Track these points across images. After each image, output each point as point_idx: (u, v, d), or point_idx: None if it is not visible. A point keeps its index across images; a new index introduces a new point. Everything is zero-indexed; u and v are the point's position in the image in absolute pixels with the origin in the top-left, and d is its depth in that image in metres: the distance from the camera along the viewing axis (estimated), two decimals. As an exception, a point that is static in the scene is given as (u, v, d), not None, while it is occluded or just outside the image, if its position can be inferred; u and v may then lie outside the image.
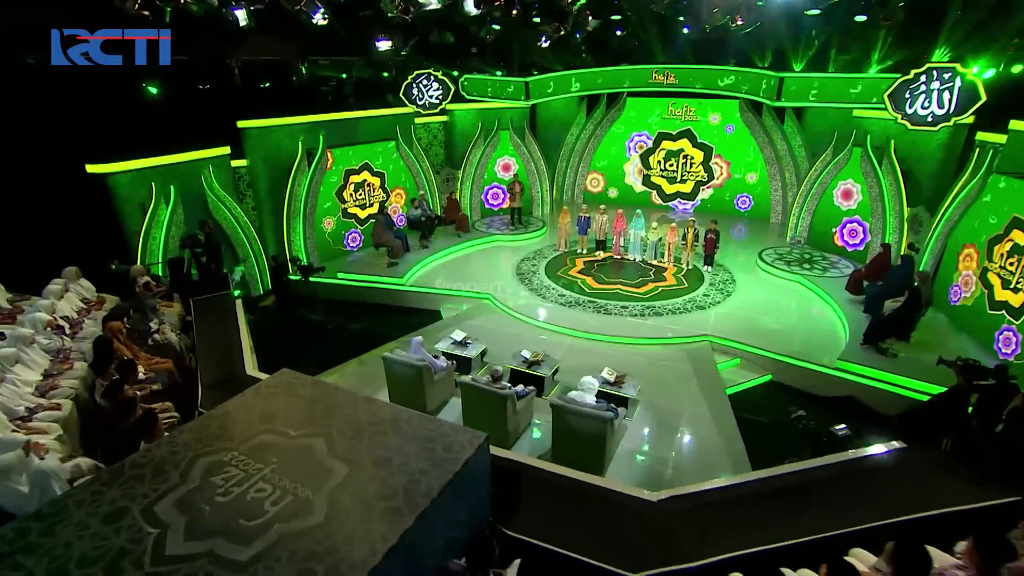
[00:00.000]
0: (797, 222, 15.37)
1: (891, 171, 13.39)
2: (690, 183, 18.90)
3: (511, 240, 16.32)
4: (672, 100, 18.25)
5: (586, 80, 16.11)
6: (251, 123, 13.22)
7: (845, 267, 13.74)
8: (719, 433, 8.20)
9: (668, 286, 12.83)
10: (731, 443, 7.93)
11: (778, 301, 12.41)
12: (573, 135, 19.65)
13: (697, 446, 7.99)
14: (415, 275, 13.74)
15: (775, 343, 10.38)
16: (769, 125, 17.20)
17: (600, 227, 14.65)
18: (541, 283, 13.20)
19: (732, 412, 8.70)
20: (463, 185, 17.74)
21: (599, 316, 11.53)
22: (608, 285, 12.97)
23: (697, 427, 8.36)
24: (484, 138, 17.74)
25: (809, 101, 12.64)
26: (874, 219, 13.76)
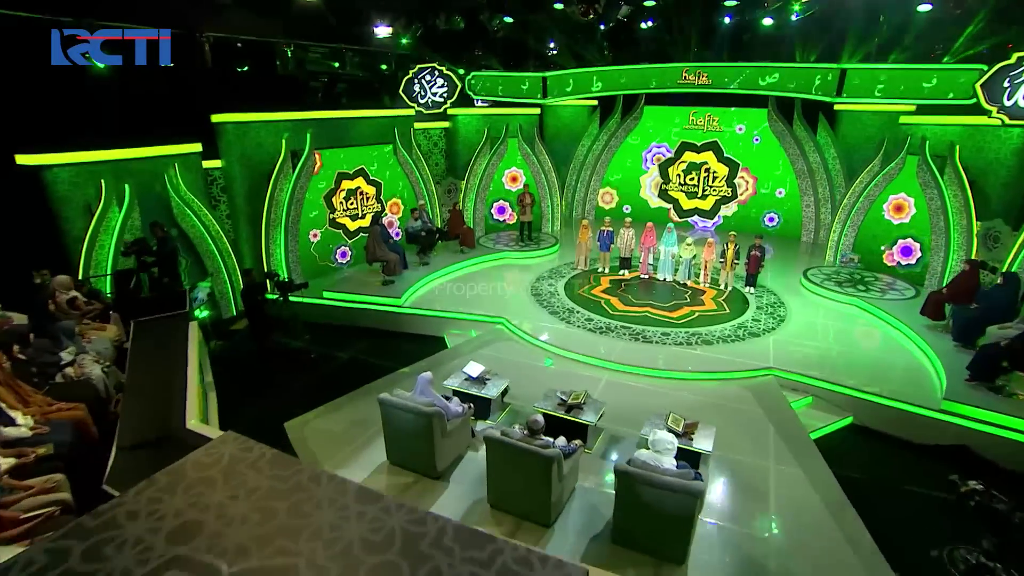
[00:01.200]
0: (839, 239, 13.56)
1: (956, 180, 11.66)
2: (711, 199, 17.12)
3: (522, 257, 14.34)
4: (694, 109, 16.57)
5: (608, 79, 14.36)
6: (228, 117, 11.23)
7: (905, 288, 11.89)
8: (821, 500, 6.14)
9: (707, 311, 10.85)
10: (842, 517, 5.87)
11: (840, 327, 10.49)
12: (584, 146, 17.87)
13: (799, 521, 5.90)
14: (414, 295, 11.66)
15: (850, 377, 8.42)
16: (801, 135, 15.53)
17: (626, 243, 12.73)
18: (562, 305, 11.17)
19: (828, 469, 6.65)
20: (467, 197, 15.81)
21: (637, 344, 9.50)
22: (636, 308, 10.98)
23: (792, 492, 6.29)
24: (490, 146, 15.88)
25: (875, 97, 10.95)
26: (935, 234, 11.97)
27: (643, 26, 14.21)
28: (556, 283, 12.43)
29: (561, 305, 11.16)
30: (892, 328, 10.29)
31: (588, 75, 14.26)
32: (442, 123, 16.32)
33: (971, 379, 7.96)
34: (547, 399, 6.96)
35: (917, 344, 9.54)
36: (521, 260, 14.21)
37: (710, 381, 8.59)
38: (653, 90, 14.27)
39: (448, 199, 14.98)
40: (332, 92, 13.77)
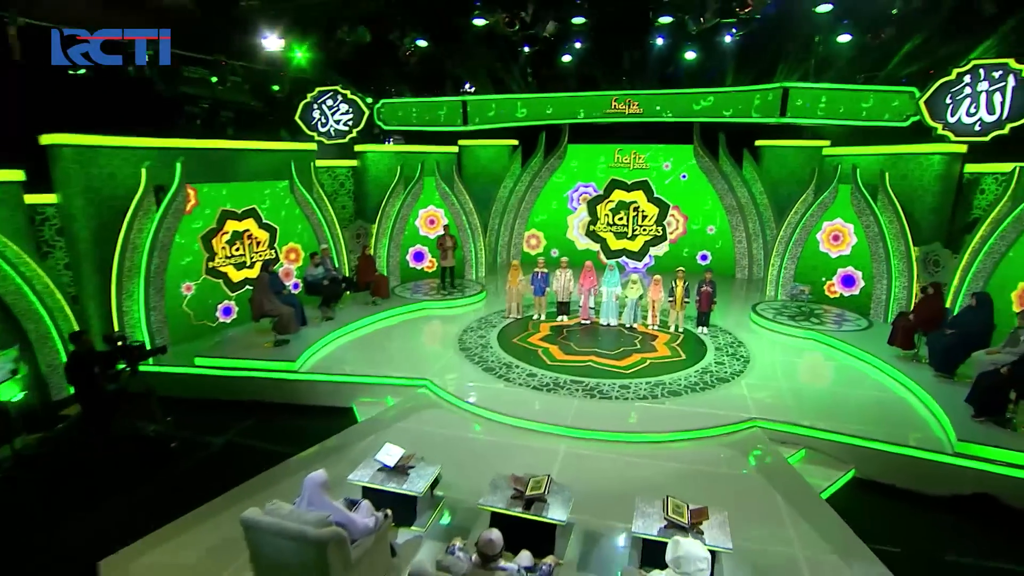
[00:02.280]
0: (779, 273, 12.79)
1: (889, 206, 11.21)
2: (640, 240, 16.15)
3: (446, 307, 12.38)
4: (619, 146, 15.77)
5: (534, 107, 13.16)
6: (65, 139, 8.70)
7: (856, 319, 11.09)
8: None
9: (660, 358, 9.32)
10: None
11: (809, 364, 9.35)
12: (507, 187, 16.52)
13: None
14: (314, 357, 9.34)
15: (841, 422, 7.10)
16: (727, 171, 15.03)
17: (563, 286, 11.16)
18: (498, 359, 9.26)
19: (867, 548, 5.05)
20: (379, 242, 13.80)
21: (594, 403, 7.72)
22: (578, 356, 9.29)
23: (836, 593, 4.59)
24: (404, 186, 14.12)
25: (817, 117, 10.38)
26: (876, 262, 11.38)
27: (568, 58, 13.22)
28: (487, 334, 10.55)
29: (496, 359, 9.25)
30: (862, 362, 9.23)
31: (512, 102, 13.03)
32: (349, 161, 14.42)
33: (978, 415, 6.82)
34: (495, 490, 4.93)
35: (896, 378, 8.47)
36: (444, 310, 12.25)
37: (688, 441, 6.91)
38: (581, 120, 13.22)
39: (356, 244, 12.87)
40: (214, 119, 11.50)
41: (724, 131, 15.00)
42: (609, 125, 15.56)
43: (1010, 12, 8.22)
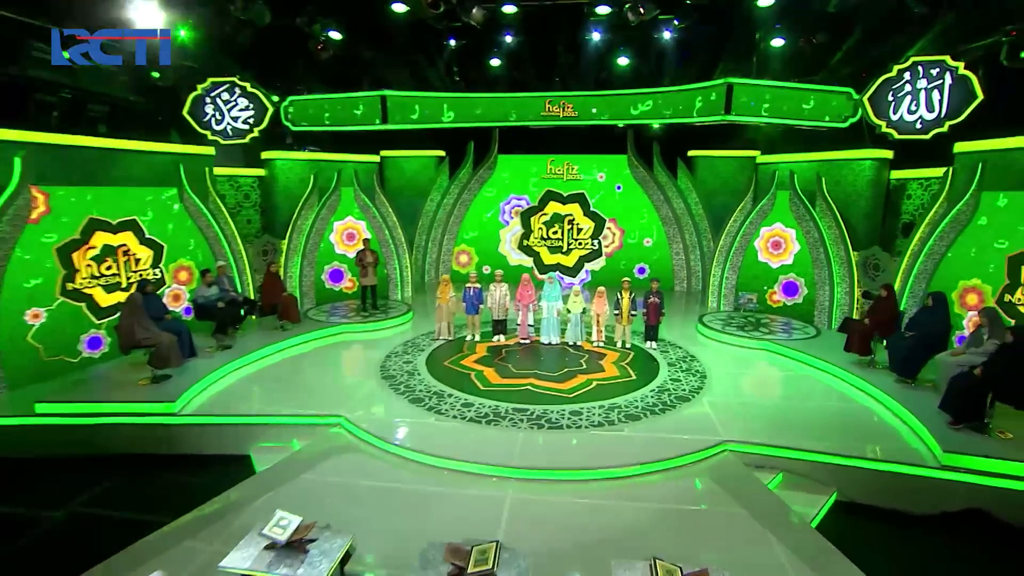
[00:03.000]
0: (721, 283, 12.32)
1: (828, 211, 11.00)
2: (575, 255, 15.38)
3: (367, 330, 10.91)
4: (551, 157, 15.02)
5: (462, 109, 12.08)
6: None
7: (804, 326, 10.67)
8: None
9: (608, 378, 8.31)
10: None
11: (769, 377, 8.69)
12: (434, 201, 15.32)
13: None
14: (202, 396, 7.63)
15: (815, 440, 6.35)
16: (663, 181, 14.60)
17: (498, 302, 10.03)
18: (427, 388, 7.93)
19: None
20: (290, 261, 12.15)
21: (542, 434, 6.56)
22: (516, 379, 8.15)
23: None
24: (319, 198, 12.61)
25: (762, 115, 9.95)
26: (817, 268, 11.10)
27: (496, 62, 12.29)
28: (414, 359, 9.20)
29: (425, 388, 7.92)
30: (820, 371, 8.67)
31: (437, 101, 11.90)
32: (255, 170, 12.73)
33: (956, 422, 6.26)
34: (428, 567, 3.62)
35: (858, 386, 7.91)
36: (365, 334, 10.77)
37: (657, 474, 5.87)
38: (513, 123, 12.28)
39: (263, 262, 11.18)
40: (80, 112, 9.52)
41: (657, 141, 14.64)
42: (541, 135, 14.83)
43: (940, 11, 8.15)
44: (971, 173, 8.66)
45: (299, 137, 13.29)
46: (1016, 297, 8.06)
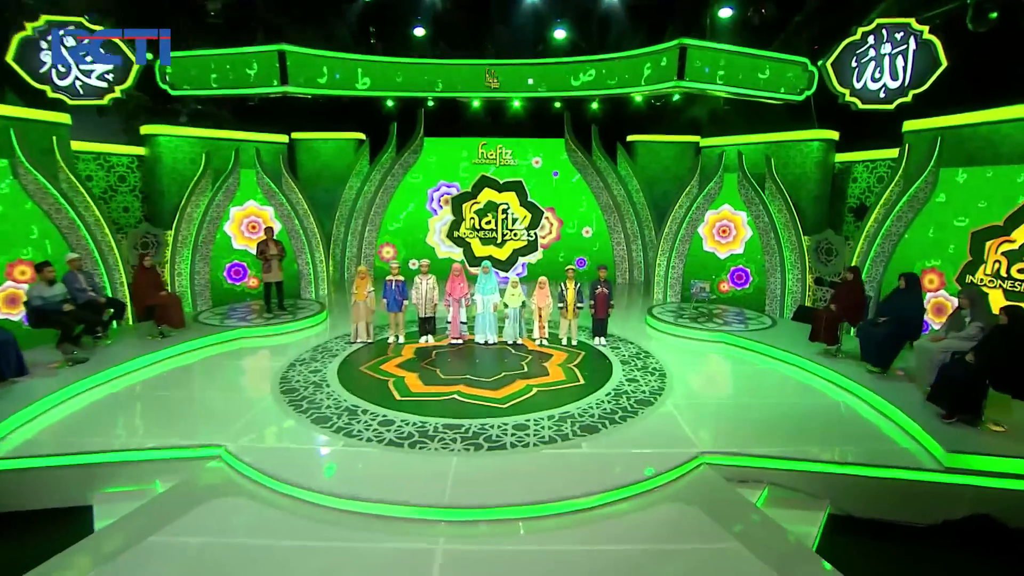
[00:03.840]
0: (667, 272, 11.48)
1: (778, 195, 10.38)
2: (508, 247, 14.16)
3: (270, 335, 9.17)
4: (483, 140, 13.73)
5: (380, 75, 10.45)
6: None
7: (757, 316, 9.95)
8: None
9: (552, 384, 7.06)
10: None
11: (732, 372, 7.77)
12: (353, 188, 13.64)
13: None
14: (31, 429, 5.74)
15: (796, 445, 5.43)
16: (602, 167, 13.65)
17: (424, 297, 8.60)
18: (336, 403, 6.40)
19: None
20: (178, 256, 10.16)
21: (482, 458, 5.22)
22: (443, 387, 6.80)
23: None
24: (213, 182, 10.70)
25: (716, 83, 9.03)
26: (768, 254, 10.44)
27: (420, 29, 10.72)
28: (324, 367, 7.61)
29: (334, 403, 6.39)
30: (785, 364, 7.85)
31: (350, 64, 10.20)
32: (132, 148, 10.61)
33: (950, 415, 5.50)
34: None
35: (829, 379, 7.12)
36: (268, 339, 9.03)
37: (628, 500, 4.68)
38: (441, 94, 10.79)
39: (135, 256, 9.15)
40: None
41: (596, 123, 13.68)
42: (472, 116, 13.53)
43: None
44: (928, 150, 8.15)
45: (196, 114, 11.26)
46: (978, 276, 7.57)
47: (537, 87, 10.54)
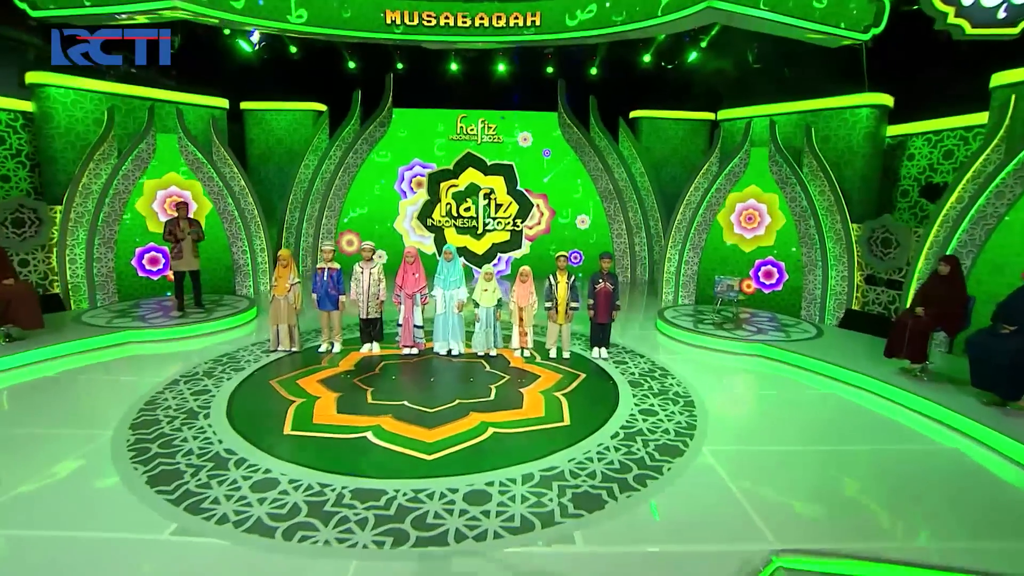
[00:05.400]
0: (679, 268, 9.29)
1: (820, 173, 8.23)
2: (487, 240, 11.92)
3: (167, 340, 6.90)
4: (463, 112, 11.52)
5: (319, 8, 8.09)
6: None
7: (797, 323, 7.74)
8: None
9: (525, 421, 4.69)
10: None
11: (785, 401, 5.52)
12: (309, 167, 11.40)
13: None
14: None
15: (916, 527, 3.23)
16: (602, 146, 11.46)
17: (366, 291, 6.35)
18: (205, 443, 4.15)
19: None
20: (69, 236, 7.89)
21: (399, 561, 2.98)
22: (363, 418, 4.56)
23: None
24: (119, 148, 8.48)
25: (760, 8, 6.84)
26: (805, 245, 8.28)
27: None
28: (217, 386, 5.35)
29: (201, 445, 4.14)
30: (851, 388, 5.65)
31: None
32: (15, 102, 8.35)
33: None
34: None
35: (926, 412, 4.93)
36: (164, 346, 6.76)
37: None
38: (398, 37, 8.35)
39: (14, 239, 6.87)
40: None
41: (595, 94, 11.50)
42: (450, 81, 11.34)
43: None
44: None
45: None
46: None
47: (525, 32, 8.27)
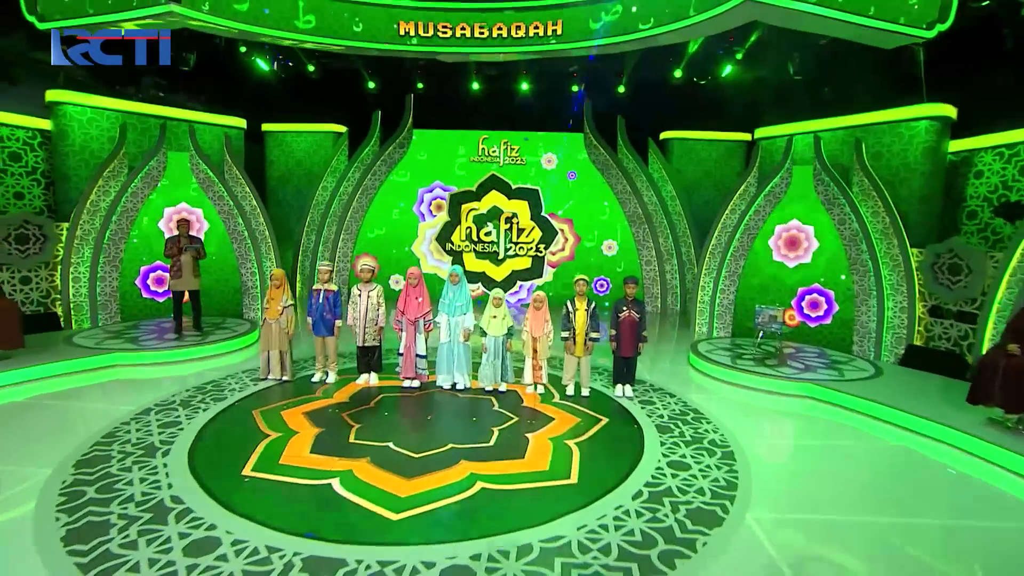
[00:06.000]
0: (714, 297, 8.43)
1: (873, 191, 7.35)
2: (507, 267, 11.27)
3: (154, 364, 6.41)
4: (484, 134, 11.05)
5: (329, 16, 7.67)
6: None
7: (849, 360, 6.76)
8: None
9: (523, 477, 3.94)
10: None
11: (845, 456, 4.58)
12: (327, 188, 11.05)
13: None
14: None
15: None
16: (630, 168, 10.79)
17: (363, 315, 5.74)
18: (152, 487, 3.51)
19: None
20: (73, 254, 7.60)
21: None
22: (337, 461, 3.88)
23: None
24: (129, 165, 8.26)
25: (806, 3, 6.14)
26: (856, 272, 7.35)
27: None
28: (192, 417, 4.77)
29: (146, 491, 3.51)
30: (926, 441, 4.68)
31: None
32: (32, 120, 8.24)
33: None
34: None
35: None
36: (150, 370, 6.26)
37: None
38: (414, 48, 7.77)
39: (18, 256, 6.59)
40: None
41: (623, 114, 10.89)
42: (471, 101, 10.93)
43: None
44: None
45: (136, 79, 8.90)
46: None
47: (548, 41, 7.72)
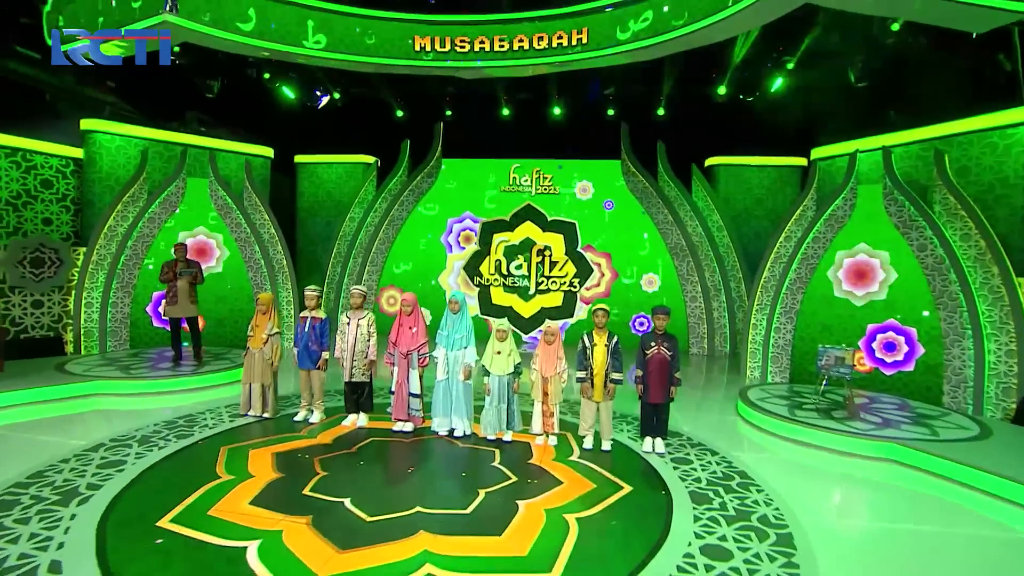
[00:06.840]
0: (768, 336, 7.25)
1: (963, 209, 6.14)
2: (536, 304, 10.42)
3: (136, 395, 5.89)
4: (516, 162, 10.47)
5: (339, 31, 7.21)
6: None
7: (942, 414, 5.44)
8: None
9: (508, 565, 2.92)
10: None
11: (948, 543, 3.37)
12: (354, 220, 10.69)
13: None
14: None
15: None
16: (672, 196, 9.87)
17: (351, 347, 5.01)
18: (39, 547, 2.80)
19: None
20: (87, 279, 7.39)
21: None
22: (271, 518, 3.04)
23: None
24: (148, 190, 8.11)
25: None
26: (942, 308, 6.06)
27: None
28: (144, 456, 4.11)
29: (28, 552, 2.80)
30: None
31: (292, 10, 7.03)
32: (65, 148, 8.27)
33: None
34: None
35: None
36: (136, 399, 5.74)
37: None
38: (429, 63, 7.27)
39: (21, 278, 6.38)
40: None
41: (663, 139, 10.07)
42: (501, 127, 10.43)
43: None
44: None
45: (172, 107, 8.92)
46: None
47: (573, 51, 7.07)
